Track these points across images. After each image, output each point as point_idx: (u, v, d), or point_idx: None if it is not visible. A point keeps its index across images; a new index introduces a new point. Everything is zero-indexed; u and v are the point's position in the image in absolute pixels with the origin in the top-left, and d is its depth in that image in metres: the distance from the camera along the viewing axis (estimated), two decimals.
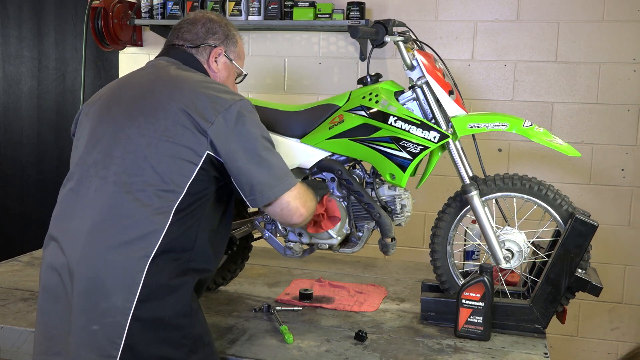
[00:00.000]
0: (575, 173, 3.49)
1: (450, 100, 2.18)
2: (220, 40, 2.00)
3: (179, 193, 1.68)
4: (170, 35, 2.02)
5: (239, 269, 2.54)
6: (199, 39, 1.98)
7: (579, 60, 3.43)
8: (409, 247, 3.62)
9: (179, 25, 2.02)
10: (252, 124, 1.77)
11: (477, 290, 2.06)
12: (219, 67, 2.00)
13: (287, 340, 2.02)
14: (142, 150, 1.70)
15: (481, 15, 3.53)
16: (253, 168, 1.74)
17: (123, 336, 1.60)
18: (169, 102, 1.74)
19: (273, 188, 1.77)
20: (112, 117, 1.79)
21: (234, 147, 1.72)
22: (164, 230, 1.65)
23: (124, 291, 1.61)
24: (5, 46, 3.07)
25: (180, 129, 1.70)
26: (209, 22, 2.00)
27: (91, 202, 1.70)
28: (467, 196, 2.16)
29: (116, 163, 1.71)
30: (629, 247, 3.46)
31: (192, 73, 1.89)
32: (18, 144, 3.26)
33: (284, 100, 3.68)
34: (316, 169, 2.30)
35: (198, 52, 1.97)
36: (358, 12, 3.42)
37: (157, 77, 1.85)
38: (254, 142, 1.76)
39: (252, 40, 3.84)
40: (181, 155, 1.69)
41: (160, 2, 3.66)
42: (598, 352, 3.55)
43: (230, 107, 1.74)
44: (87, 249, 1.65)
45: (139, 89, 1.83)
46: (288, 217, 1.85)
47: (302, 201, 1.85)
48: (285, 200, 1.80)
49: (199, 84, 1.80)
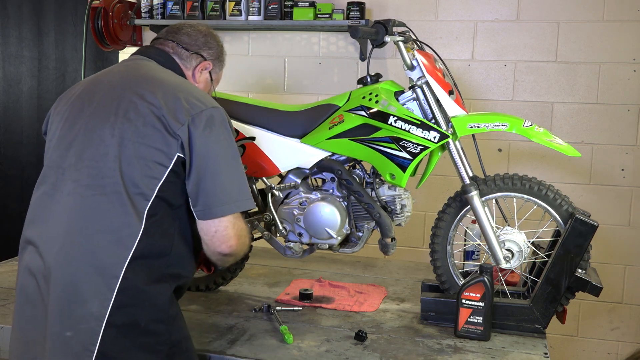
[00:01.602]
0: (575, 173, 3.49)
1: (450, 100, 2.18)
2: (212, 57, 2.00)
3: (149, 196, 1.64)
4: (164, 33, 1.98)
5: (239, 269, 2.54)
6: (195, 46, 1.96)
7: (579, 60, 3.43)
8: (409, 247, 3.61)
9: (180, 25, 2.00)
10: (222, 134, 1.73)
11: (477, 290, 2.06)
12: (200, 79, 1.98)
13: (287, 340, 2.02)
14: (114, 152, 1.66)
15: (481, 15, 3.53)
16: (209, 178, 1.69)
17: (97, 343, 1.58)
18: (141, 103, 1.70)
19: (221, 205, 1.70)
20: (84, 118, 1.74)
21: (198, 151, 1.68)
22: (139, 234, 1.62)
23: (99, 297, 1.59)
24: (5, 46, 3.07)
25: (150, 130, 1.67)
26: (210, 36, 2.00)
27: (66, 206, 1.66)
28: (467, 196, 2.16)
29: (89, 165, 1.67)
30: (629, 247, 3.46)
31: (170, 75, 1.85)
32: (18, 144, 3.26)
33: (284, 100, 3.68)
34: (316, 169, 2.30)
35: (188, 57, 1.94)
36: (358, 12, 3.42)
37: (131, 77, 1.80)
38: (217, 152, 1.71)
39: (252, 40, 3.84)
40: (152, 157, 1.66)
41: (160, 2, 3.66)
42: (598, 352, 3.55)
43: (203, 112, 1.70)
44: (63, 254, 1.63)
45: (111, 89, 1.77)
46: (218, 242, 1.74)
47: (238, 232, 1.75)
48: (224, 223, 1.71)
49: (176, 87, 1.77)
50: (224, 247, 1.74)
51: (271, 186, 2.33)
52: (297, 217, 2.30)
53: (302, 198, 2.30)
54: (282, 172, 2.33)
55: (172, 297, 1.71)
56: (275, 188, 2.33)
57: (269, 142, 2.31)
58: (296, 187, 2.32)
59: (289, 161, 2.30)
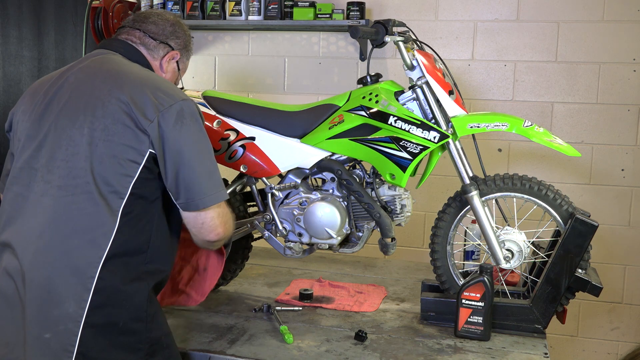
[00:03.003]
0: (575, 173, 3.49)
1: (450, 100, 2.18)
2: (180, 47, 1.97)
3: (123, 194, 1.64)
4: (130, 21, 1.94)
5: (239, 269, 2.54)
6: (163, 35, 1.93)
7: (579, 60, 3.43)
8: (409, 247, 3.61)
9: (147, 13, 1.96)
10: (193, 126, 1.72)
11: (477, 290, 2.06)
12: (168, 69, 1.96)
13: (287, 340, 2.02)
14: (84, 152, 1.65)
15: (481, 15, 3.53)
16: (187, 172, 1.69)
17: (75, 344, 1.57)
18: (109, 100, 1.68)
19: (204, 197, 1.71)
20: (52, 116, 1.72)
21: (171, 146, 1.67)
22: (113, 233, 1.61)
23: (75, 298, 1.58)
24: (5, 46, 3.07)
25: (120, 127, 1.65)
26: (177, 25, 1.97)
27: (40, 208, 1.65)
28: (467, 196, 2.16)
29: (60, 166, 1.66)
30: (629, 247, 3.46)
31: (135, 67, 1.82)
32: None
33: (284, 100, 3.68)
34: (316, 169, 2.30)
35: (155, 47, 1.91)
36: (358, 12, 3.42)
37: (97, 72, 1.77)
38: (191, 145, 1.70)
39: (252, 40, 3.84)
40: (123, 155, 1.64)
41: (160, 2, 3.66)
42: (598, 352, 3.55)
43: (172, 106, 1.69)
44: (38, 255, 1.62)
45: (78, 86, 1.75)
46: (206, 232, 1.77)
47: (224, 220, 1.79)
48: (210, 214, 1.74)
49: (143, 80, 1.74)
50: (212, 236, 1.78)
51: (271, 186, 2.33)
52: (297, 217, 2.30)
53: (302, 198, 2.30)
54: (282, 172, 2.33)
55: (150, 295, 1.70)
56: (275, 188, 2.33)
57: (269, 142, 2.30)
58: (296, 187, 2.32)
59: (289, 161, 2.30)
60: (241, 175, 2.40)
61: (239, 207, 2.44)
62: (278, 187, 2.33)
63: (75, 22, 3.55)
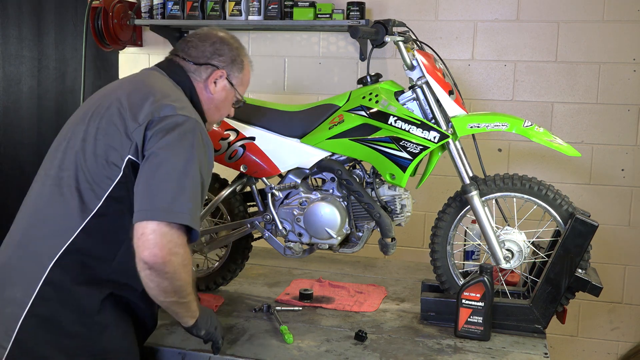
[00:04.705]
0: (575, 173, 3.48)
1: (450, 100, 2.18)
2: (225, 63, 1.89)
3: (100, 195, 1.62)
4: (177, 45, 1.94)
5: (239, 269, 2.54)
6: (203, 57, 1.88)
7: (579, 60, 3.43)
8: (409, 247, 3.61)
9: (188, 38, 1.93)
10: (180, 142, 1.60)
11: (477, 290, 2.06)
12: (217, 89, 1.89)
13: (287, 340, 2.02)
14: (77, 146, 1.68)
15: (481, 15, 3.53)
16: (150, 179, 1.57)
17: (15, 329, 1.58)
18: (112, 101, 1.70)
19: (153, 208, 1.54)
20: (77, 117, 1.79)
21: (148, 151, 1.60)
22: (77, 231, 1.60)
23: (25, 284, 1.60)
24: (5, 46, 3.07)
25: (112, 128, 1.65)
26: (218, 43, 1.90)
27: (32, 192, 1.73)
28: (467, 196, 2.16)
29: (57, 157, 1.72)
30: (629, 247, 3.46)
31: (162, 81, 1.80)
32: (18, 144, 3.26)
33: (284, 100, 3.68)
34: (316, 169, 2.30)
35: (197, 70, 1.87)
36: (358, 12, 3.42)
37: (124, 83, 1.81)
38: (166, 156, 1.58)
39: (252, 40, 3.84)
40: (108, 156, 1.63)
41: (160, 2, 3.66)
42: (598, 352, 3.55)
43: (170, 117, 1.63)
44: (10, 236, 1.69)
45: (103, 92, 1.81)
46: (140, 246, 1.53)
47: (168, 245, 1.53)
48: (151, 226, 1.52)
49: (155, 90, 1.71)
50: (146, 254, 1.52)
51: (271, 186, 2.33)
52: (297, 217, 2.29)
53: (302, 198, 2.30)
54: (282, 172, 2.33)
55: (104, 304, 1.64)
56: (275, 188, 2.33)
57: (269, 142, 2.31)
58: (296, 187, 2.32)
59: (289, 161, 2.30)
60: (241, 175, 2.40)
61: (239, 207, 2.44)
62: (278, 187, 2.33)
63: (75, 22, 3.55)
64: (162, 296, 1.61)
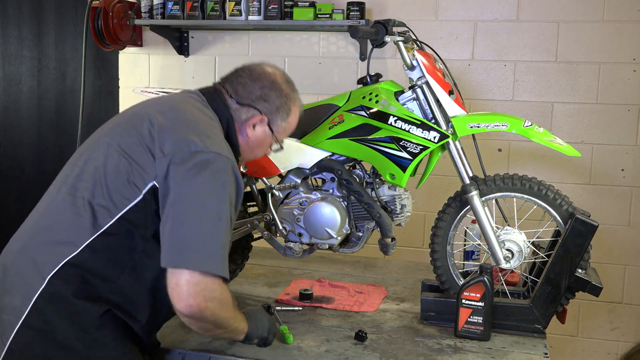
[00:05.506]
0: (575, 173, 3.48)
1: (450, 100, 2.18)
2: (268, 110, 1.81)
3: (113, 214, 1.58)
4: (229, 75, 1.85)
5: (239, 269, 2.54)
6: (248, 98, 1.79)
7: (579, 60, 3.43)
8: (409, 247, 3.61)
9: (241, 72, 1.84)
10: (211, 182, 1.56)
11: (477, 290, 2.06)
12: (254, 133, 1.82)
13: (287, 340, 2.01)
14: (99, 159, 1.64)
15: (481, 15, 3.53)
16: (178, 223, 1.53)
17: (10, 337, 1.55)
18: (143, 120, 1.65)
19: (183, 255, 1.52)
20: (105, 129, 1.76)
21: (175, 188, 1.55)
22: (82, 245, 1.56)
23: (24, 292, 1.56)
24: (5, 46, 3.07)
25: (139, 149, 1.60)
26: (268, 87, 1.81)
27: (46, 197, 1.70)
28: (467, 196, 2.16)
29: (79, 166, 1.67)
30: (629, 247, 3.46)
31: (202, 114, 1.72)
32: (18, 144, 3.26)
33: None
34: (316, 169, 2.30)
35: (240, 109, 1.79)
36: (358, 12, 3.42)
37: (166, 101, 1.76)
38: (197, 197, 1.54)
39: (252, 40, 3.84)
40: (130, 176, 1.59)
41: (160, 2, 3.66)
42: (598, 352, 3.55)
43: (203, 153, 1.57)
44: (14, 240, 1.65)
45: (141, 108, 1.76)
46: (175, 298, 1.52)
47: (204, 294, 1.53)
48: (185, 277, 1.51)
49: (188, 119, 1.66)
50: (182, 306, 1.52)
51: (271, 186, 2.33)
52: (297, 217, 2.29)
53: (302, 198, 2.30)
54: (282, 172, 2.33)
55: (102, 321, 1.59)
56: (275, 188, 2.33)
57: None
58: (296, 187, 2.32)
59: (289, 161, 2.30)
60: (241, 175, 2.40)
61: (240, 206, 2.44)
62: (278, 187, 2.33)
63: (75, 22, 3.55)
64: (207, 333, 1.70)
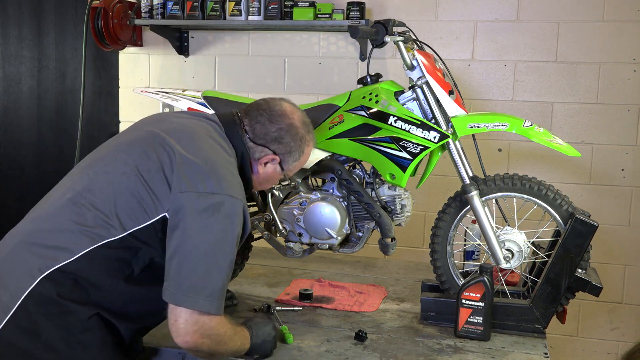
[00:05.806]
0: (575, 173, 3.48)
1: (450, 100, 2.18)
2: (281, 152, 1.84)
3: (118, 231, 1.58)
4: (250, 108, 1.87)
5: (239, 269, 2.54)
6: (263, 138, 1.82)
7: (579, 60, 3.43)
8: (409, 247, 3.61)
9: (262, 108, 1.85)
10: (221, 224, 1.60)
11: (477, 290, 2.06)
12: (265, 170, 1.85)
13: (287, 340, 2.02)
14: (114, 176, 1.64)
15: (481, 15, 3.53)
16: (184, 260, 1.57)
17: None
18: (165, 149, 1.66)
19: (183, 293, 1.56)
20: (120, 140, 1.76)
21: (185, 227, 1.58)
22: (79, 254, 1.56)
23: (12, 289, 1.55)
24: (5, 46, 3.07)
25: (158, 175, 1.62)
26: (285, 130, 1.82)
27: (51, 198, 1.70)
28: (467, 196, 2.16)
29: (89, 176, 1.67)
30: (629, 247, 3.46)
31: (220, 147, 1.74)
32: (18, 144, 3.26)
33: None
34: (316, 169, 2.30)
35: (254, 147, 1.82)
36: (358, 12, 3.42)
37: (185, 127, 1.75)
38: (206, 239, 1.58)
39: (252, 40, 3.84)
40: (143, 200, 1.60)
41: (160, 2, 3.66)
42: (598, 352, 3.55)
43: (217, 195, 1.60)
44: (13, 234, 1.65)
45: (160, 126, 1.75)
46: (174, 332, 1.59)
47: (201, 332, 1.59)
48: (184, 315, 1.57)
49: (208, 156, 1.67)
50: (179, 341, 1.59)
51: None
52: (297, 217, 2.29)
53: (302, 198, 2.30)
54: None
55: (89, 323, 1.60)
56: (276, 188, 2.33)
57: None
58: (296, 187, 2.32)
59: None
60: None
61: None
62: (278, 187, 2.33)
63: (75, 22, 3.55)
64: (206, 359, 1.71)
